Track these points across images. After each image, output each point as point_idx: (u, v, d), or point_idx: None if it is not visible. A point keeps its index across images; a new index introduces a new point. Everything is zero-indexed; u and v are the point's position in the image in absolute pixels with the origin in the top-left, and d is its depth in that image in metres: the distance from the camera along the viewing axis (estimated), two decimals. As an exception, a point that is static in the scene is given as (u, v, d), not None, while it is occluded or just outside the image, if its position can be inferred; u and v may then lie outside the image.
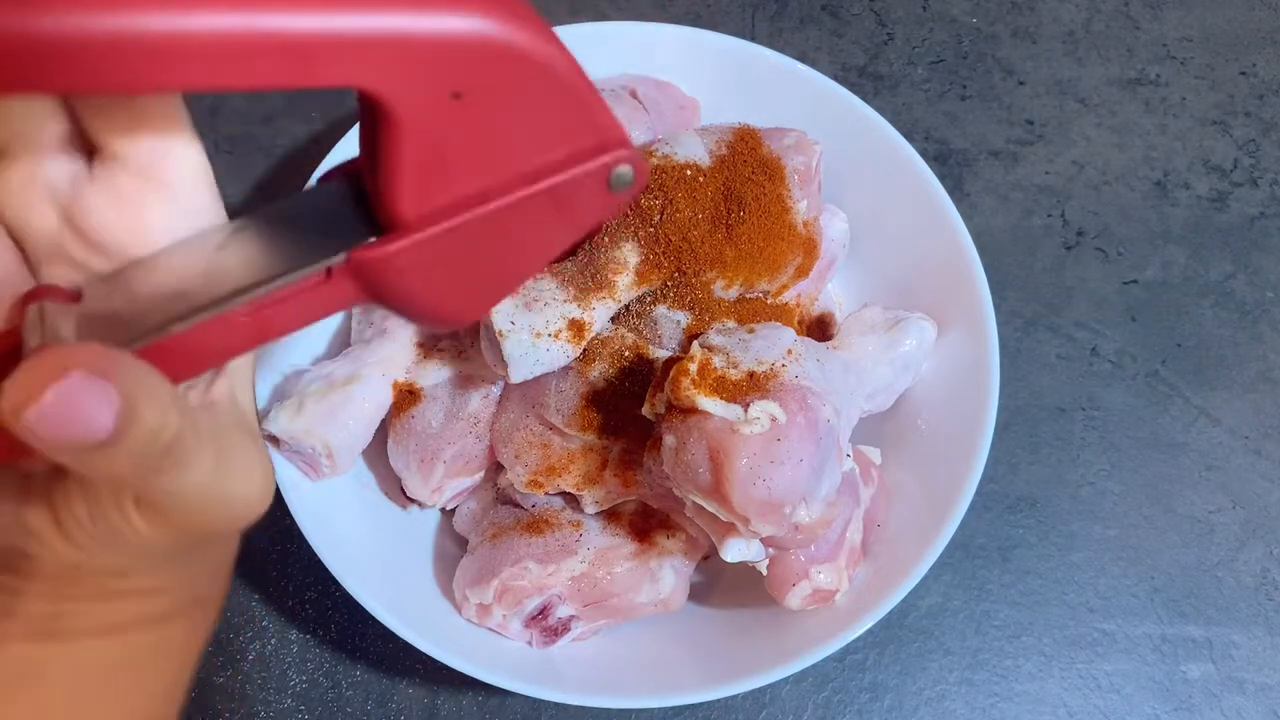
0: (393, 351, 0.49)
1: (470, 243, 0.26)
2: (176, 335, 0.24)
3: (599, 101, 0.26)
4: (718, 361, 0.40)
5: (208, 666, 0.51)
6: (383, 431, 0.49)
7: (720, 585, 0.50)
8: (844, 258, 0.52)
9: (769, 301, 0.48)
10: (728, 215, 0.44)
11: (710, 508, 0.40)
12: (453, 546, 0.50)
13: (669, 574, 0.46)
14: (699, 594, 0.49)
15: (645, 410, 0.43)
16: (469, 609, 0.46)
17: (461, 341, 0.49)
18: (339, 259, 0.25)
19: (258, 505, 0.27)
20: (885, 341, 0.47)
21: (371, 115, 0.24)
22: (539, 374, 0.43)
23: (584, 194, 0.26)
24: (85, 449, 0.21)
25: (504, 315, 0.41)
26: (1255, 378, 0.58)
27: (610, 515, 0.47)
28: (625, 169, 0.26)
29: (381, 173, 0.24)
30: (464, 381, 0.48)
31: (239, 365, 0.28)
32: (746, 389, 0.39)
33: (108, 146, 0.24)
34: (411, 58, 0.22)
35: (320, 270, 0.25)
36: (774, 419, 0.38)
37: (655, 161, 0.45)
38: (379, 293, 0.26)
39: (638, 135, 0.50)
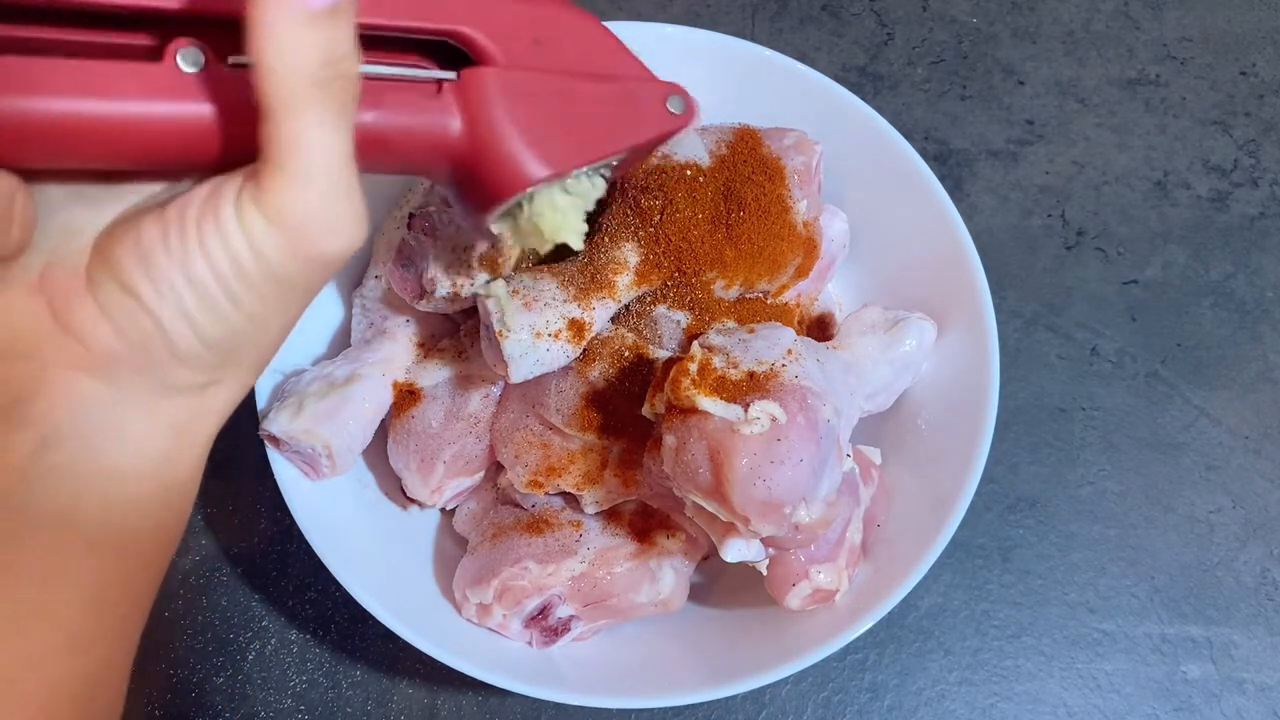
0: (393, 351, 0.49)
1: (556, 94, 0.32)
2: None
3: (641, 63, 0.34)
4: (718, 361, 0.40)
5: (208, 666, 0.51)
6: (383, 431, 0.49)
7: (720, 585, 0.50)
8: (844, 258, 0.52)
9: (769, 301, 0.48)
10: (728, 215, 0.44)
11: (710, 508, 0.40)
12: (453, 546, 0.50)
13: (669, 574, 0.46)
14: (699, 594, 0.49)
15: (645, 410, 0.43)
16: (469, 609, 0.46)
17: (461, 341, 0.49)
18: (450, 75, 0.30)
19: (356, 236, 0.27)
20: (885, 341, 0.47)
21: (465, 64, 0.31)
22: (539, 374, 0.43)
23: (646, 101, 0.34)
24: (307, 15, 0.24)
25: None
26: (1255, 378, 0.58)
27: (610, 515, 0.47)
28: (678, 97, 0.35)
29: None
30: (464, 381, 0.48)
31: None
32: (746, 389, 0.39)
33: None
34: (509, 17, 0.31)
35: (432, 81, 0.30)
36: (774, 419, 0.38)
37: (655, 161, 0.45)
38: (480, 116, 0.31)
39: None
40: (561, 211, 0.34)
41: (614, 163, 0.34)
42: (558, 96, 0.32)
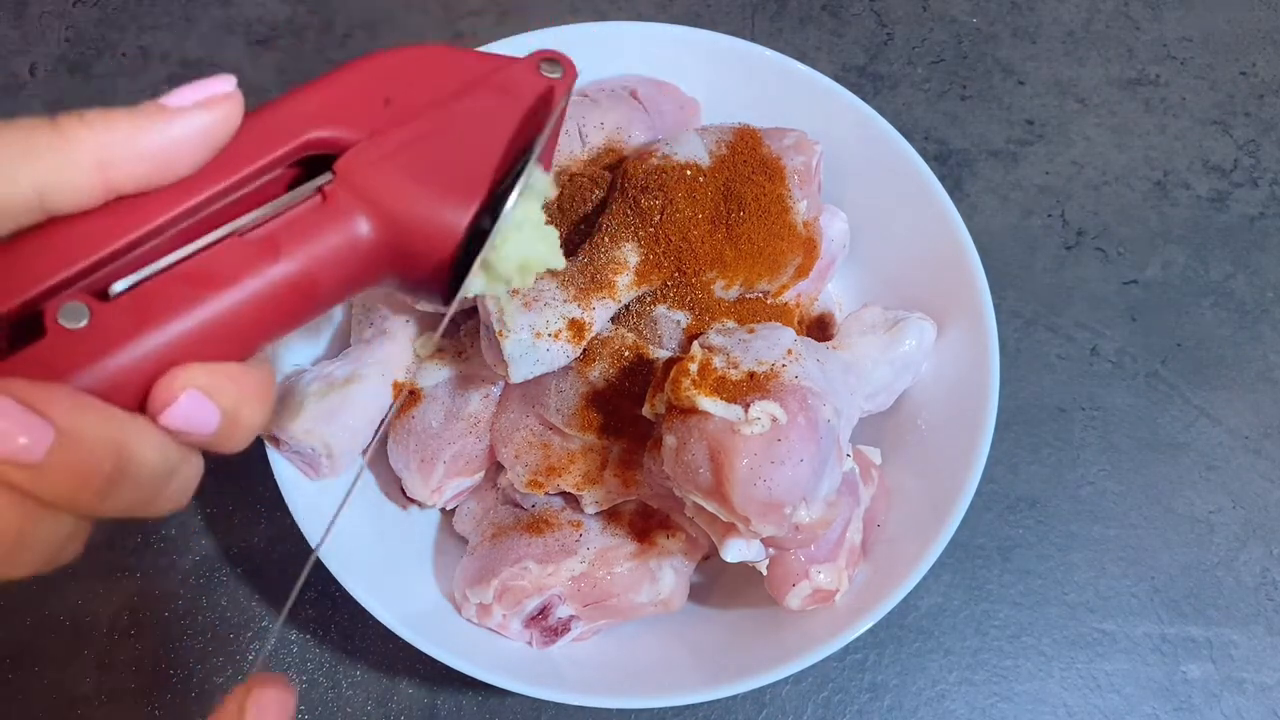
0: (393, 351, 0.49)
1: (434, 131, 0.30)
2: (202, 258, 0.27)
3: (492, 55, 0.32)
4: (718, 362, 0.40)
5: (208, 666, 0.51)
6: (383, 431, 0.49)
7: (720, 585, 0.50)
8: (844, 258, 0.52)
9: (769, 301, 0.48)
10: (728, 215, 0.44)
11: (711, 508, 0.40)
12: (453, 546, 0.50)
13: (669, 574, 0.46)
14: (699, 594, 0.49)
15: (645, 410, 0.43)
16: (469, 609, 0.46)
17: (461, 341, 0.49)
18: (325, 177, 0.28)
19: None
20: (885, 341, 0.47)
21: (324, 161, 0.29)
22: (539, 374, 0.43)
23: (521, 84, 0.31)
24: (200, 440, 0.27)
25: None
26: (1255, 378, 0.58)
27: (610, 515, 0.47)
28: (549, 62, 0.32)
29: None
30: (464, 381, 0.48)
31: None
32: (747, 389, 0.39)
33: None
34: (348, 97, 0.29)
35: (313, 193, 0.28)
36: (774, 419, 0.38)
37: (655, 161, 0.45)
38: (375, 197, 0.28)
39: (638, 135, 0.50)
40: (526, 243, 0.31)
41: (533, 158, 0.31)
42: (435, 133, 0.29)
